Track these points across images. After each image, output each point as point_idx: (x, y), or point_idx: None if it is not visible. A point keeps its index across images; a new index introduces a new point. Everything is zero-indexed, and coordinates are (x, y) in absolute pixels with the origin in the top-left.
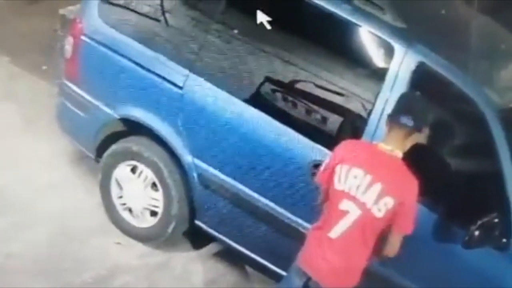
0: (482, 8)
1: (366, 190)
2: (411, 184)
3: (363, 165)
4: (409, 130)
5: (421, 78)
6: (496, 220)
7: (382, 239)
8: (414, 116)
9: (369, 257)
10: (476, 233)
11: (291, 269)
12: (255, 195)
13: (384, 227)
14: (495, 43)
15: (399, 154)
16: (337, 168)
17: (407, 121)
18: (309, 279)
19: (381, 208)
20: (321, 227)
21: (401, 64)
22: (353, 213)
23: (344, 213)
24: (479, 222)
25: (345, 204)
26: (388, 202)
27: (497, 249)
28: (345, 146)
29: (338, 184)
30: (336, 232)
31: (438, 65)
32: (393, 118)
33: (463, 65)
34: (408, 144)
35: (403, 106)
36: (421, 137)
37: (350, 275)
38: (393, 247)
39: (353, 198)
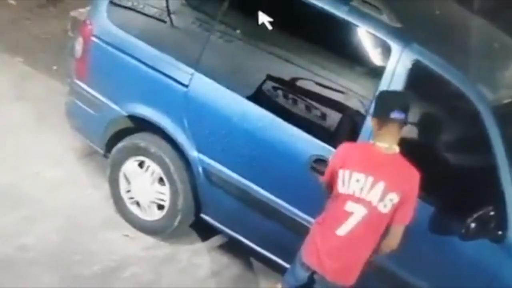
0: (481, 8)
1: (370, 190)
2: (413, 176)
3: (363, 169)
4: (401, 123)
5: (417, 76)
6: (491, 213)
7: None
8: (402, 109)
9: (371, 252)
10: (472, 225)
11: (296, 262)
12: (258, 189)
13: (388, 221)
14: (488, 42)
15: (397, 149)
16: (340, 173)
17: (398, 115)
18: (314, 271)
19: (387, 204)
20: (326, 225)
21: (397, 63)
22: (359, 212)
23: (350, 213)
24: (475, 215)
25: (350, 206)
26: (393, 197)
27: (493, 241)
28: (344, 150)
29: (342, 188)
30: (343, 230)
31: (433, 63)
32: (383, 116)
33: (457, 63)
34: (399, 136)
35: (389, 102)
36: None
37: (353, 270)
38: (395, 238)
39: (358, 199)
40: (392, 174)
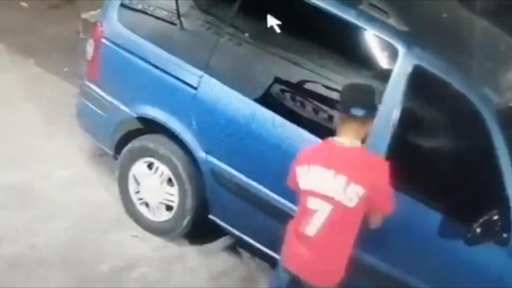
0: (482, 10)
1: (331, 184)
2: (378, 167)
3: (322, 162)
4: (362, 120)
5: (424, 79)
6: (496, 216)
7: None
8: (363, 105)
9: (350, 249)
10: (478, 230)
11: (279, 265)
12: (266, 190)
13: (363, 214)
14: (495, 45)
15: (358, 143)
16: (297, 170)
17: (358, 111)
18: (296, 276)
19: (352, 197)
20: (296, 226)
21: (404, 65)
22: (323, 209)
23: (313, 211)
24: (480, 220)
25: (311, 202)
26: (358, 190)
27: (498, 244)
28: (303, 150)
29: (302, 184)
30: (312, 230)
31: (437, 67)
32: (345, 111)
33: (463, 66)
34: (364, 131)
35: (350, 98)
36: (372, 122)
37: (333, 270)
38: (374, 223)
39: (318, 195)
40: (354, 167)
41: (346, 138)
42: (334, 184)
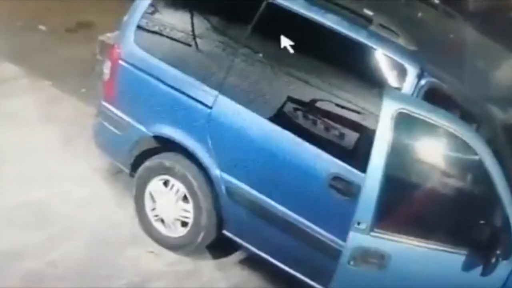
0: (475, 10)
1: None
2: None
3: None
4: None
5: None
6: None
7: None
8: None
9: None
10: (493, 260)
11: None
12: (279, 207)
13: None
14: (498, 63)
15: None
16: None
17: None
18: None
19: None
20: None
21: (413, 84)
22: None
23: None
24: (497, 252)
25: None
26: None
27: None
28: None
29: None
30: None
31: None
32: None
33: (465, 83)
34: None
35: None
36: None
37: None
38: None
39: None
40: None
41: None
42: None
